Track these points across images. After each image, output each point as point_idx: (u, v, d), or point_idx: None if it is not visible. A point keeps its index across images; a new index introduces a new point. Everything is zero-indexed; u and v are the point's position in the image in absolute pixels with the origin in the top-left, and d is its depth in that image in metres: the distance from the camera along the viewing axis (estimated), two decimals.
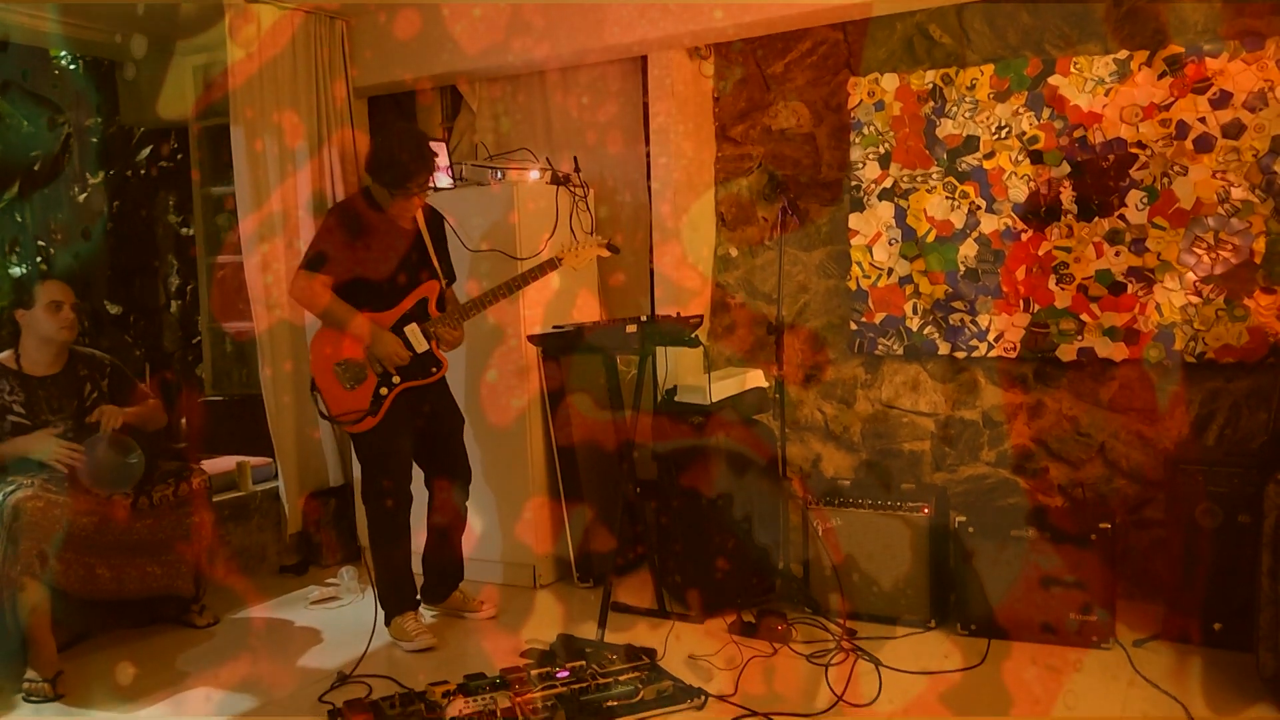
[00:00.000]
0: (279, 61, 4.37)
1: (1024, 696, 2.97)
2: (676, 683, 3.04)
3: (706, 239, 4.38)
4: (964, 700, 2.96)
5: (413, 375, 3.46)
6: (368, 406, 3.40)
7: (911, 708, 2.92)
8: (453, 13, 4.43)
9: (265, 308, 4.36)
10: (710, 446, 3.67)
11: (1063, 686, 3.03)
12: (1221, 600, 3.19)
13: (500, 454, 4.12)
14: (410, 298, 3.46)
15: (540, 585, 4.15)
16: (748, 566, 3.74)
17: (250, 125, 4.27)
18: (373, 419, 3.41)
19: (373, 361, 3.40)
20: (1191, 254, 3.50)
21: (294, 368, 4.46)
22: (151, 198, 5.54)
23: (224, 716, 3.06)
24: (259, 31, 4.28)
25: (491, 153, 4.55)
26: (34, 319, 3.52)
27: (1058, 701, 2.92)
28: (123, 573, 3.54)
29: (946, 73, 3.82)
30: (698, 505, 3.68)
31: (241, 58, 4.23)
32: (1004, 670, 3.16)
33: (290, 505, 4.45)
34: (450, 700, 2.88)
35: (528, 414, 4.07)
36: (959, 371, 3.95)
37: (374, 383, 3.42)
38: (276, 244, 4.37)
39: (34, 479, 3.37)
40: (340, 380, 3.42)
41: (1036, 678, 3.10)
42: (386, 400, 3.42)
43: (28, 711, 3.14)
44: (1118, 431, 3.70)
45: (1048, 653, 3.26)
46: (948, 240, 3.87)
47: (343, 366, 3.42)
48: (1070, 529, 3.30)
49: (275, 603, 4.14)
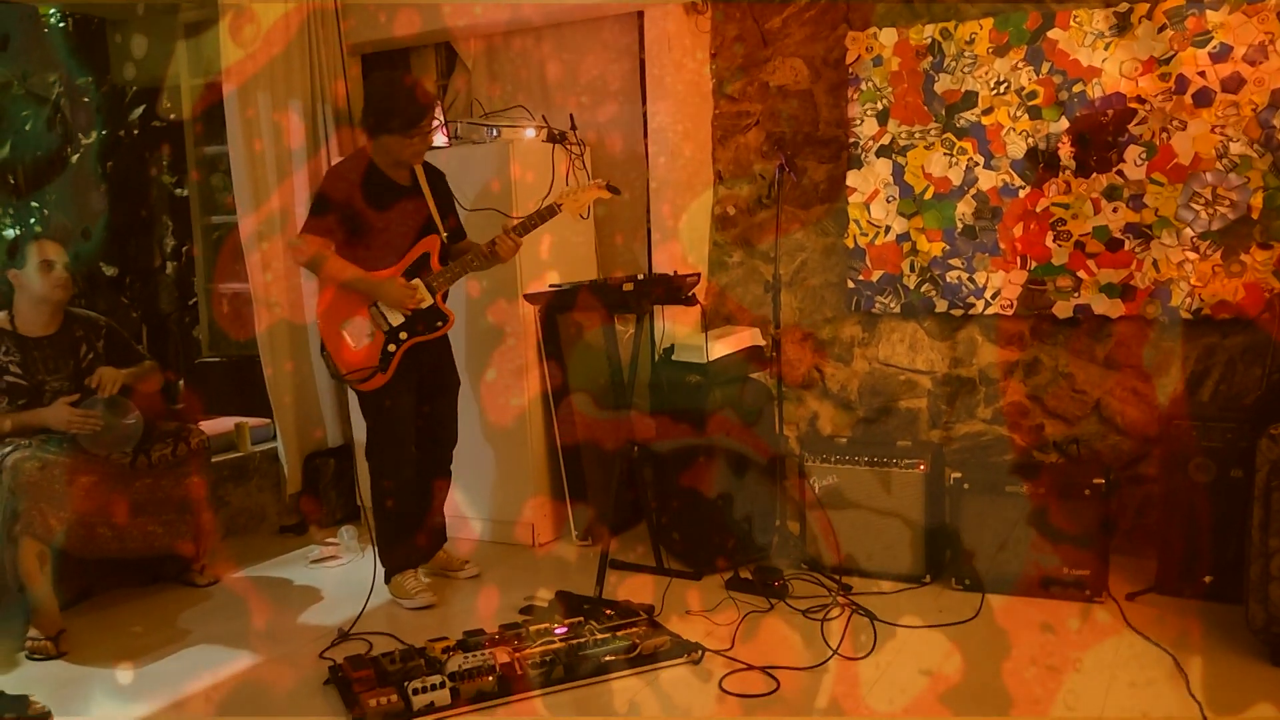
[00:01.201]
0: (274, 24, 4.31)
1: (1018, 650, 3.00)
2: (674, 638, 3.07)
3: (704, 197, 4.36)
4: (958, 654, 3.00)
5: (419, 330, 3.45)
6: (377, 363, 3.40)
7: (906, 661, 2.96)
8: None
9: (261, 269, 4.35)
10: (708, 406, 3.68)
11: (1056, 640, 3.07)
12: (1213, 554, 3.22)
13: (498, 414, 4.13)
14: (412, 254, 3.44)
15: (539, 543, 4.18)
16: (744, 524, 3.76)
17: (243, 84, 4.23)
18: (383, 376, 3.41)
19: (378, 319, 3.40)
20: (1189, 209, 3.49)
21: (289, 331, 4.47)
22: (145, 158, 5.50)
23: (226, 672, 3.10)
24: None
25: (486, 110, 4.51)
26: (26, 278, 3.50)
27: (1051, 655, 2.96)
28: (124, 532, 3.56)
29: (945, 27, 3.78)
30: (695, 464, 3.69)
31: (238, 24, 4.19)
32: (998, 624, 3.20)
33: (289, 465, 4.47)
34: (450, 656, 2.91)
35: (525, 374, 4.07)
36: (956, 329, 3.95)
37: (381, 340, 3.42)
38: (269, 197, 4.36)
39: (31, 439, 3.39)
40: (348, 339, 3.42)
41: (1030, 631, 3.13)
42: (395, 356, 3.42)
43: (32, 669, 3.17)
44: (1113, 388, 3.71)
45: (1041, 607, 3.30)
46: (945, 197, 3.86)
47: (349, 326, 3.42)
48: (1065, 485, 3.32)
49: (275, 562, 4.17)
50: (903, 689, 2.79)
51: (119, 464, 3.55)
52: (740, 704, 2.74)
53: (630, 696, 2.80)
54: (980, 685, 2.80)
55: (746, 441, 3.77)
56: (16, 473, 3.27)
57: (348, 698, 2.79)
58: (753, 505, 3.78)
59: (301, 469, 4.53)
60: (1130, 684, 2.76)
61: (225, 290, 5.28)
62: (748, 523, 3.77)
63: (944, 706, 2.69)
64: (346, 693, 2.81)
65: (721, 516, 3.70)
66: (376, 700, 2.70)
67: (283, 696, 2.93)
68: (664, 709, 2.74)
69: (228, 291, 5.27)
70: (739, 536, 3.74)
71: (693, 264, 4.30)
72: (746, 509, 3.76)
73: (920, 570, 3.54)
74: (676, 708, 2.75)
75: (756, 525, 3.81)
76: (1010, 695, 2.73)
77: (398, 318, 3.42)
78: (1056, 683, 2.79)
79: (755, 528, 3.81)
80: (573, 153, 4.26)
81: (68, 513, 3.36)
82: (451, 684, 2.77)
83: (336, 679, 2.92)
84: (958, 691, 2.77)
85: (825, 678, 2.87)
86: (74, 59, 5.35)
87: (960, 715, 2.64)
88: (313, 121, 4.51)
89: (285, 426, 4.45)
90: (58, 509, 3.33)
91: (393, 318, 3.42)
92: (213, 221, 5.27)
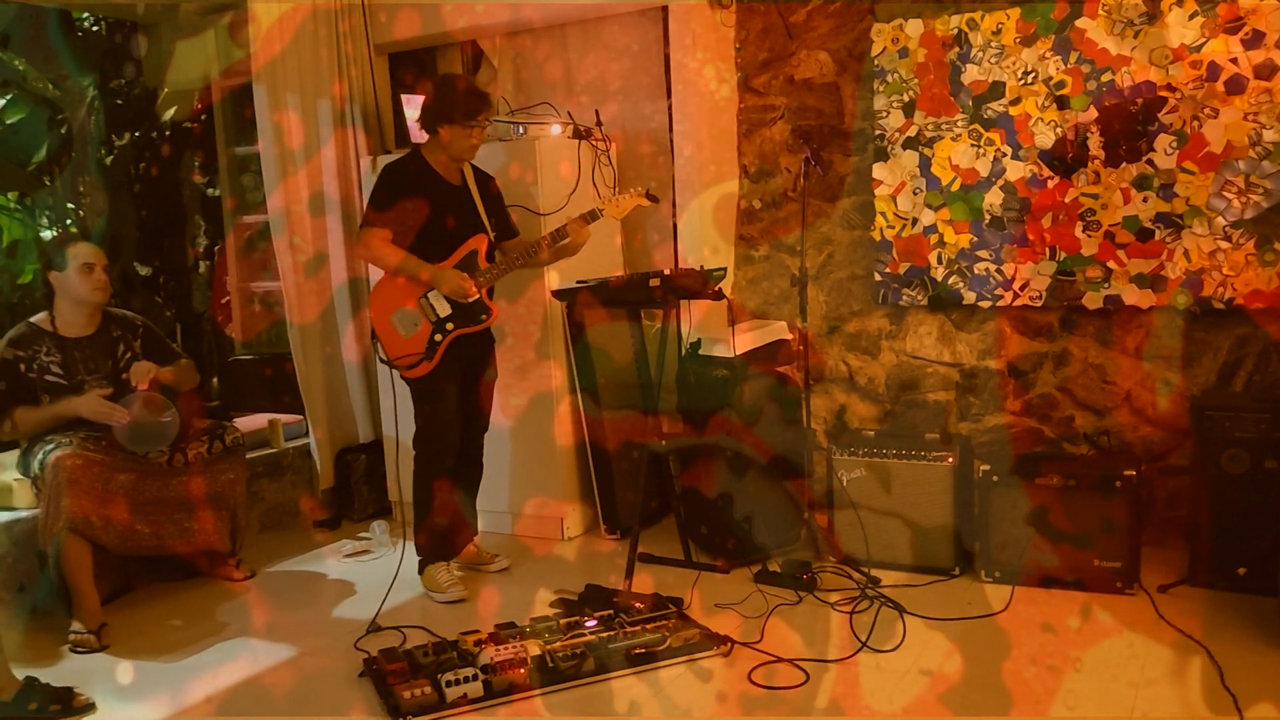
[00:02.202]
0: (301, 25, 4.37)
1: (1048, 642, 3.00)
2: (703, 630, 3.09)
3: (730, 191, 4.36)
4: (987, 646, 3.00)
5: (464, 322, 3.56)
6: (424, 350, 3.52)
7: (935, 654, 2.96)
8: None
9: (292, 267, 4.40)
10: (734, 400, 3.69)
11: (1088, 632, 3.06)
12: (1246, 545, 3.19)
13: (528, 409, 4.16)
14: (460, 250, 3.56)
15: (568, 537, 4.21)
16: (772, 517, 3.77)
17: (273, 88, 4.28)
18: (429, 363, 3.54)
19: (427, 309, 3.52)
20: (1221, 198, 3.45)
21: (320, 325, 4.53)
22: (177, 159, 5.57)
23: (262, 665, 3.15)
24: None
25: (513, 108, 4.54)
26: (66, 281, 3.57)
27: (1082, 647, 2.95)
28: (161, 529, 3.62)
29: (971, 17, 3.76)
30: (722, 457, 3.71)
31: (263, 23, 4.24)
32: (1028, 616, 3.19)
33: (322, 461, 4.52)
34: (482, 648, 2.95)
35: (553, 368, 4.10)
36: (984, 321, 3.93)
37: (429, 329, 3.54)
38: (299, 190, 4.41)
39: (72, 437, 3.45)
40: (397, 327, 3.54)
41: (1061, 624, 3.12)
42: (441, 346, 3.53)
43: (75, 662, 3.24)
44: (1144, 379, 3.68)
45: (1072, 599, 3.28)
46: (973, 188, 3.84)
47: (399, 315, 3.54)
48: (1095, 476, 3.31)
49: (309, 556, 4.23)
50: (931, 682, 2.79)
51: (156, 461, 3.62)
52: (771, 696, 2.75)
53: (660, 689, 2.83)
54: (1011, 679, 2.79)
55: (773, 435, 3.77)
56: (58, 470, 3.34)
57: (382, 689, 2.83)
58: (780, 498, 3.78)
59: (334, 465, 4.59)
60: (1163, 676, 2.75)
61: (257, 289, 5.35)
62: (776, 515, 3.78)
63: (972, 701, 2.69)
64: (381, 685, 2.86)
65: (749, 509, 3.71)
66: (411, 692, 2.74)
67: (319, 689, 2.97)
68: (694, 702, 2.76)
69: (259, 290, 5.34)
70: (767, 529, 3.75)
71: (719, 259, 4.31)
72: (774, 502, 3.77)
73: (949, 563, 3.54)
74: (706, 700, 2.77)
75: (784, 518, 3.82)
76: (1043, 688, 2.72)
77: (445, 309, 3.54)
78: (1088, 675, 2.78)
79: (783, 520, 3.81)
80: (598, 149, 4.28)
81: (108, 509, 3.43)
82: (484, 676, 2.80)
83: (371, 671, 2.96)
84: (986, 685, 2.77)
85: (855, 671, 2.88)
86: (107, 62, 5.43)
87: (989, 712, 2.64)
88: (341, 120, 4.55)
89: (317, 423, 4.51)
90: (98, 505, 3.40)
91: (440, 309, 3.54)
92: (244, 221, 5.34)
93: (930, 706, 2.67)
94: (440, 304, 3.53)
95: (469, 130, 3.51)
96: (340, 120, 4.55)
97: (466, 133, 3.51)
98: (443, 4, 4.54)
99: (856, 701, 2.72)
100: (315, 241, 4.50)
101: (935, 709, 2.66)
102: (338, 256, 4.56)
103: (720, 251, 4.35)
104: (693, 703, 2.76)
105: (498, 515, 4.31)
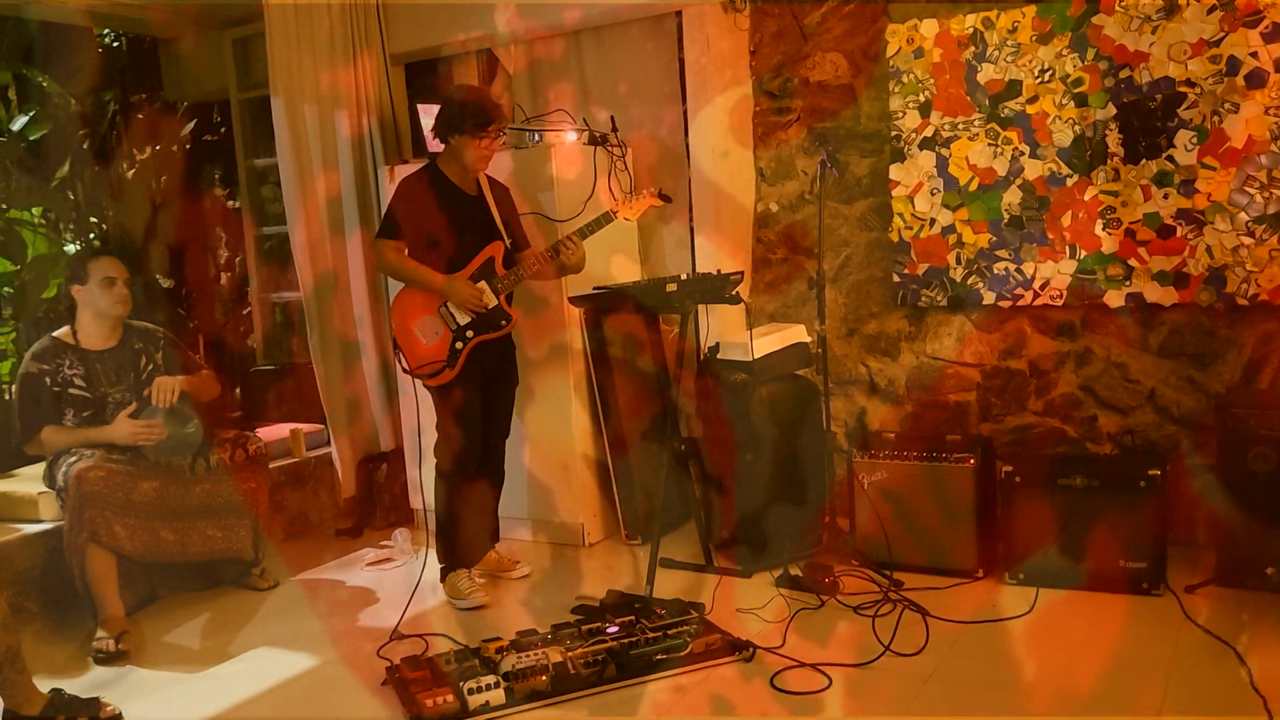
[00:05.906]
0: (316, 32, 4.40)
1: (1074, 644, 2.97)
2: (725, 635, 3.08)
3: (746, 195, 4.36)
4: (1012, 649, 2.97)
5: (484, 329, 3.58)
6: (445, 359, 3.55)
7: (959, 658, 2.94)
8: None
9: (311, 277, 4.43)
10: (754, 403, 3.68)
11: (1113, 633, 3.02)
12: (1274, 544, 3.15)
13: (547, 415, 4.17)
14: (477, 259, 3.58)
15: (589, 543, 4.21)
16: (793, 520, 3.76)
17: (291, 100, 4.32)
18: (450, 371, 3.56)
19: (447, 318, 3.55)
20: (1243, 194, 3.42)
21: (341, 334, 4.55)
22: (197, 171, 5.63)
23: (286, 674, 3.16)
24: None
25: (528, 115, 4.55)
26: (89, 294, 3.61)
27: (1108, 650, 2.92)
28: (185, 536, 3.65)
29: (987, 16, 3.74)
30: (742, 462, 3.70)
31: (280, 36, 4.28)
32: (1053, 618, 3.16)
33: (343, 470, 4.55)
34: (504, 655, 2.95)
35: (571, 374, 4.10)
36: (1004, 321, 3.90)
37: (449, 338, 3.56)
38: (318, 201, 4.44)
39: (95, 450, 3.48)
40: (419, 336, 3.57)
41: (1087, 625, 3.09)
42: (462, 354, 3.56)
43: (100, 673, 3.26)
44: (1168, 377, 3.64)
45: (1097, 600, 3.25)
46: (991, 188, 3.82)
47: (420, 324, 3.57)
48: (1119, 476, 3.27)
49: (332, 565, 4.25)
50: (955, 684, 2.77)
51: (179, 470, 3.64)
52: (793, 701, 2.74)
53: (682, 695, 2.82)
54: (1036, 681, 2.77)
55: (794, 438, 3.76)
56: (81, 481, 3.37)
57: (405, 698, 2.84)
58: (801, 501, 3.77)
59: (355, 473, 4.61)
60: (1190, 678, 2.72)
61: (278, 299, 5.39)
62: (797, 519, 3.76)
63: (995, 703, 2.66)
64: (403, 693, 2.86)
65: (770, 513, 3.70)
66: (433, 700, 2.74)
67: (341, 698, 2.99)
68: (716, 707, 2.75)
69: (280, 300, 5.38)
70: (788, 533, 3.74)
71: (736, 262, 4.30)
72: (795, 505, 3.75)
73: (972, 565, 3.51)
74: (729, 706, 2.75)
75: (805, 522, 3.80)
76: (1068, 691, 2.70)
77: (465, 317, 3.56)
78: (1114, 677, 2.75)
79: (804, 524, 3.80)
80: (614, 154, 4.29)
81: (131, 519, 3.46)
82: (506, 684, 2.81)
83: (393, 679, 2.97)
84: (1010, 688, 2.75)
85: (877, 675, 2.86)
86: (128, 76, 5.49)
87: (1011, 712, 2.62)
88: (358, 131, 4.58)
89: (339, 432, 4.53)
90: (122, 515, 3.43)
91: (460, 317, 3.56)
92: (264, 232, 5.38)
93: (954, 710, 2.65)
94: (460, 312, 3.56)
95: (480, 140, 3.53)
96: (358, 131, 4.58)
97: (477, 143, 3.53)
98: (457, 13, 4.56)
99: (880, 706, 2.70)
100: (334, 252, 4.53)
101: (959, 712, 2.63)
102: (357, 267, 4.59)
103: (737, 255, 4.34)
104: (716, 709, 2.74)
105: (519, 522, 4.31)
